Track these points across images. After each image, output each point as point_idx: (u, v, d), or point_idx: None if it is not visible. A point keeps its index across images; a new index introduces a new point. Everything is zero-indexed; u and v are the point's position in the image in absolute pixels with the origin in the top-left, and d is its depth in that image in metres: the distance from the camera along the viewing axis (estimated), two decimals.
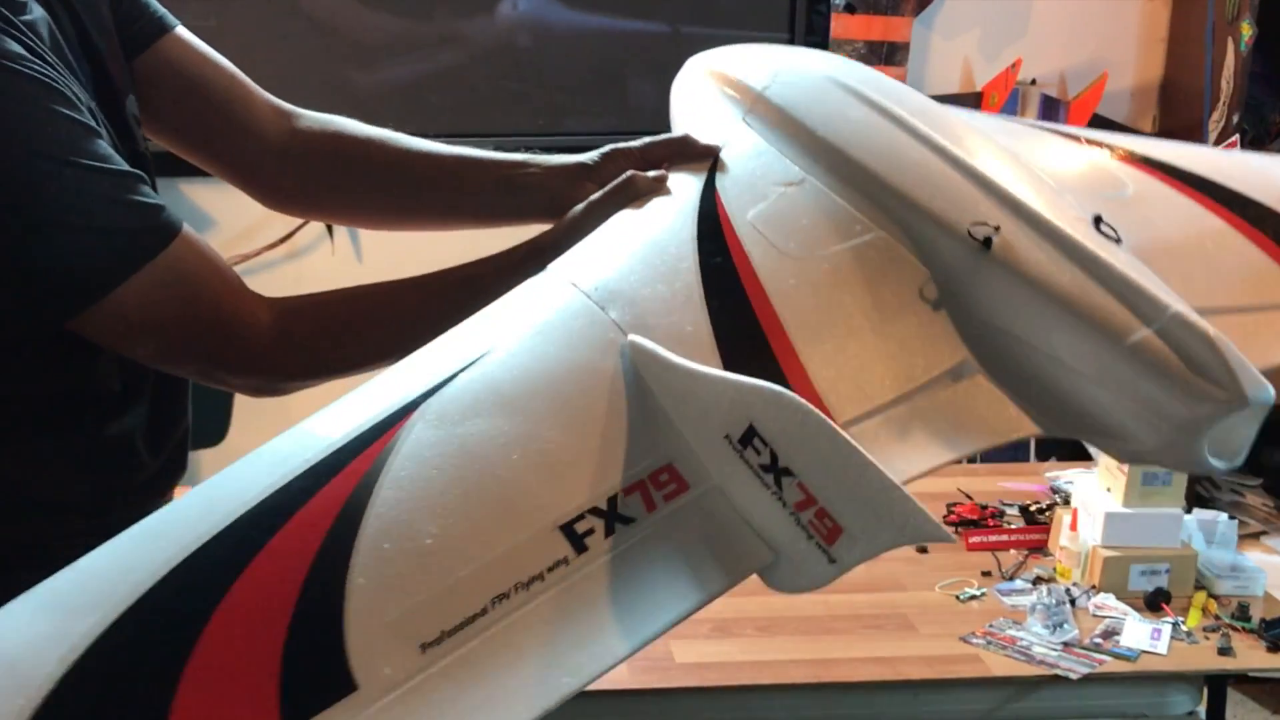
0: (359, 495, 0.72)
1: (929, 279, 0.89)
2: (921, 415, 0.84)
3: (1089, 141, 1.09)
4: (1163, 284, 0.85)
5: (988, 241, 0.86)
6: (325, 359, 1.09)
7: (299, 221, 2.99)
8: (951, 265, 0.88)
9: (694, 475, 0.77)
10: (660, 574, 0.74)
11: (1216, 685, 1.93)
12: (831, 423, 0.73)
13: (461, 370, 0.80)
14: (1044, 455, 3.34)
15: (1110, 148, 1.08)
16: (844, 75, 1.03)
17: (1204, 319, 0.81)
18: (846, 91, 1.00)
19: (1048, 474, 2.31)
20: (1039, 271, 0.84)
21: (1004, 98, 3.15)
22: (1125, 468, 1.93)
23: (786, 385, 0.78)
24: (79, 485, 1.13)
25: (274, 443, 0.78)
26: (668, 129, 1.18)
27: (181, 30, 1.20)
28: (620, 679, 1.74)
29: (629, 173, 1.06)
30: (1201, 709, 1.85)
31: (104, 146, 1.02)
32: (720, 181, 0.99)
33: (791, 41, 3.08)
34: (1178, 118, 3.23)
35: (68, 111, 1.00)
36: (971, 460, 3.31)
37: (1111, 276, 0.83)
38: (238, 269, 1.13)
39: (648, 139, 1.13)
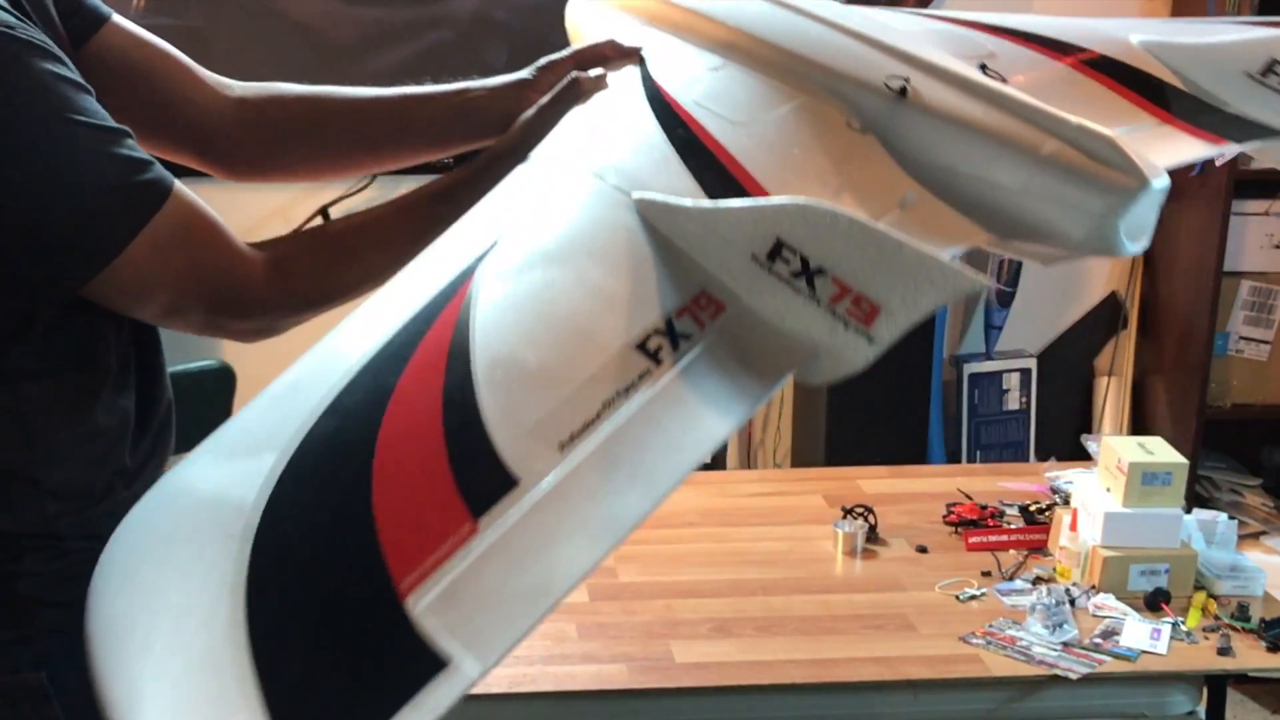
0: (459, 337, 0.84)
1: (854, 116, 1.02)
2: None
3: (954, 21, 1.26)
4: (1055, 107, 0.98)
5: (903, 90, 0.99)
6: (322, 290, 1.16)
7: (299, 221, 2.99)
8: (875, 117, 1.00)
9: (727, 296, 0.86)
10: (728, 373, 0.85)
11: (1216, 685, 1.94)
12: (859, 215, 0.84)
13: (497, 243, 0.91)
14: (1044, 455, 3.35)
15: (969, 24, 1.25)
16: None
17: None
18: None
19: (1047, 474, 2.31)
20: (954, 109, 0.97)
21: None
22: (1125, 468, 1.93)
23: None
24: (87, 469, 1.13)
25: (345, 324, 0.88)
26: None
27: (118, 18, 1.24)
28: (620, 679, 1.75)
29: (572, 74, 1.14)
30: (1201, 709, 1.85)
31: (97, 104, 1.04)
32: (654, 72, 1.11)
33: None
34: None
35: (64, 72, 1.02)
36: (971, 461, 3.32)
37: (1016, 104, 0.97)
38: None
39: (576, 46, 1.21)
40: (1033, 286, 3.35)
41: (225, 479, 0.79)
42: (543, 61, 1.23)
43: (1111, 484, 1.97)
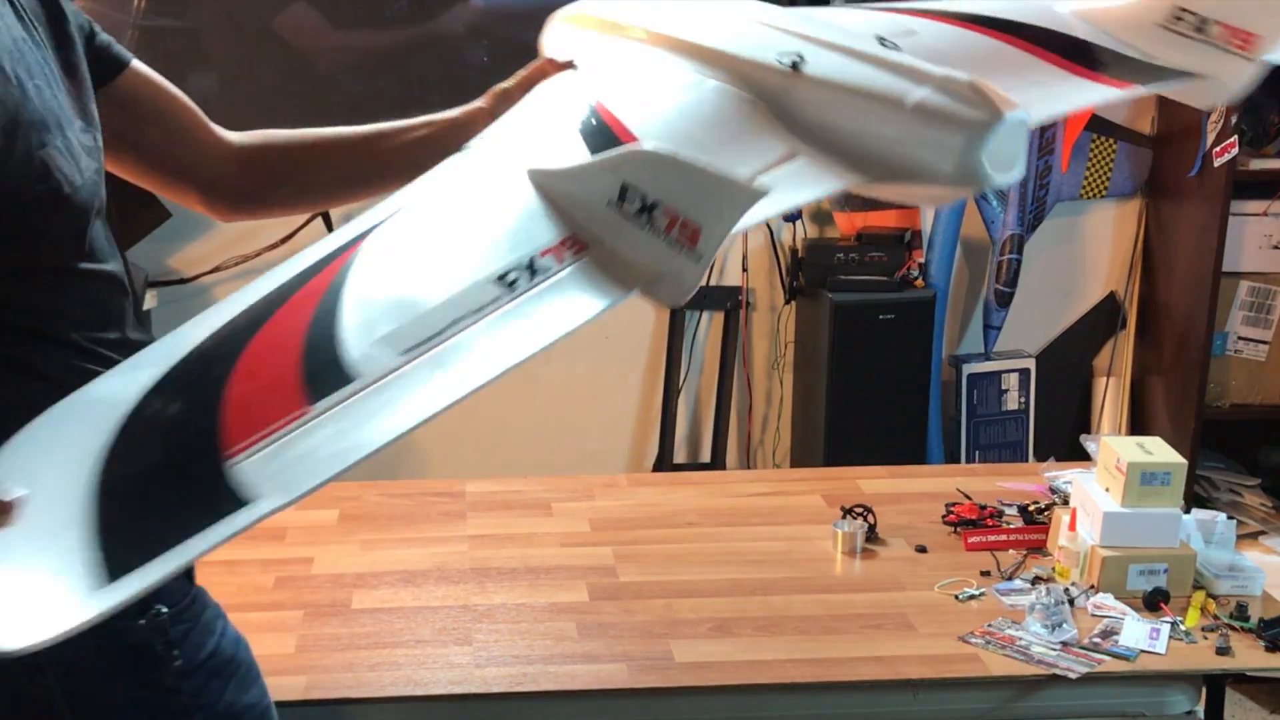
0: (340, 276, 1.01)
1: (753, 97, 1.18)
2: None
3: (894, 9, 1.39)
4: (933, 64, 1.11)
5: (794, 65, 1.15)
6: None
7: (299, 223, 3.00)
8: (773, 92, 1.16)
9: (591, 239, 1.03)
10: (574, 295, 1.01)
11: (1215, 685, 1.94)
12: (674, 151, 1.00)
13: (400, 210, 1.09)
14: (1042, 456, 3.35)
15: (899, 10, 1.38)
16: None
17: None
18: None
19: (1046, 474, 2.32)
20: (838, 75, 1.13)
21: None
22: (1124, 468, 1.94)
23: None
24: None
25: (263, 277, 1.04)
26: None
27: (138, 63, 1.37)
28: (620, 679, 1.75)
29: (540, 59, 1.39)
30: (1200, 709, 1.85)
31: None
32: (584, 73, 1.33)
33: None
34: (1176, 118, 3.24)
35: None
36: (970, 461, 3.32)
37: (887, 63, 1.12)
38: (238, 269, 1.19)
39: (519, 73, 1.41)
40: (1032, 287, 3.35)
41: (115, 384, 0.97)
42: (495, 89, 1.42)
43: (1110, 484, 1.98)
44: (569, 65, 1.37)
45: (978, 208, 3.29)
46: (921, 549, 2.11)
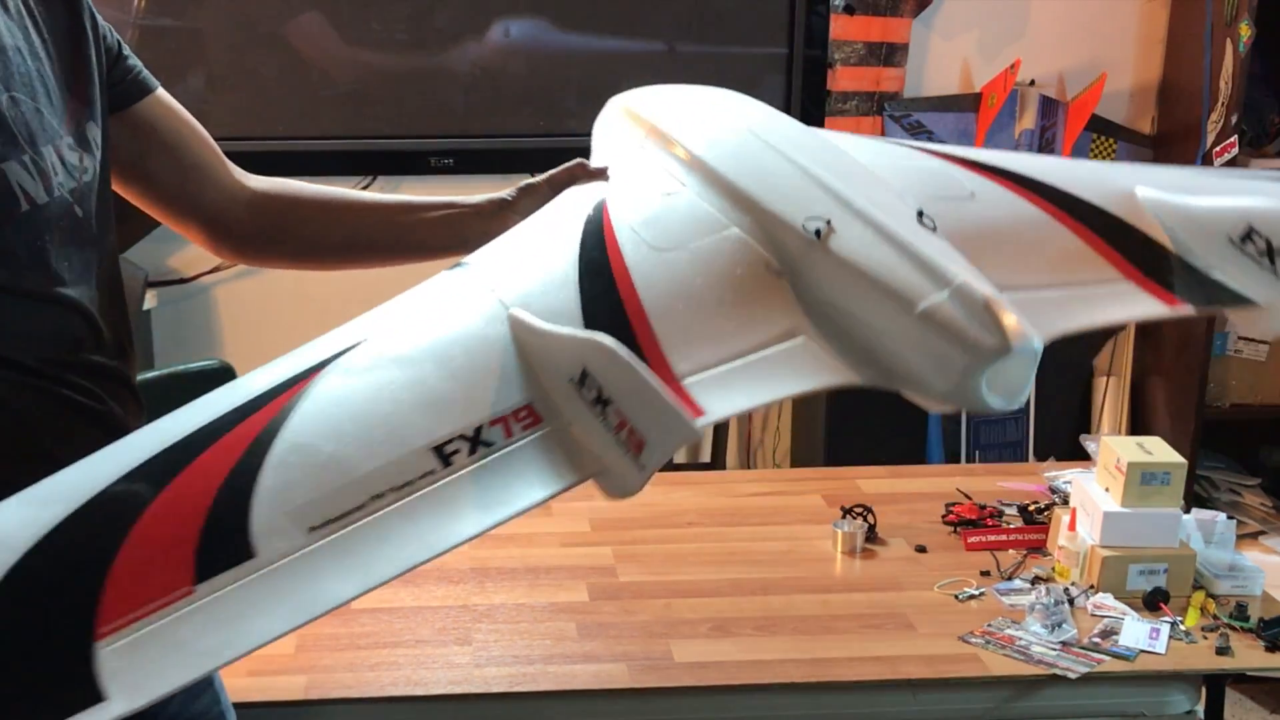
0: (274, 424, 0.94)
1: (772, 261, 1.10)
2: (747, 371, 1.04)
3: (948, 157, 1.29)
4: (963, 262, 1.03)
5: (818, 233, 1.06)
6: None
7: None
8: (792, 257, 1.08)
9: (548, 413, 0.98)
10: (512, 480, 0.95)
11: (1215, 685, 1.94)
12: (631, 358, 0.94)
13: (362, 342, 1.02)
14: (1042, 455, 3.35)
15: (962, 160, 1.28)
16: (733, 109, 1.31)
17: (991, 288, 0.98)
18: (730, 119, 1.28)
19: (1046, 474, 2.32)
20: (858, 256, 1.04)
21: (1003, 98, 3.16)
22: (1124, 468, 1.94)
23: (637, 348, 1.00)
24: (79, 431, 1.14)
25: (213, 394, 0.98)
26: None
27: (162, 92, 1.35)
28: (620, 679, 1.75)
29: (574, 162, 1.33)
30: (1200, 708, 1.85)
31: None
32: (611, 193, 1.23)
33: (791, 45, 3.08)
34: (1176, 119, 3.24)
35: None
36: (970, 461, 3.32)
37: (915, 252, 1.02)
38: (238, 269, 1.16)
39: (550, 171, 1.35)
40: None
41: (15, 521, 0.90)
42: (522, 184, 1.37)
43: (1110, 484, 1.98)
44: (601, 174, 1.31)
45: None
46: (921, 549, 2.11)
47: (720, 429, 3.33)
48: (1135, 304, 1.17)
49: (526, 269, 1.11)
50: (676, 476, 2.63)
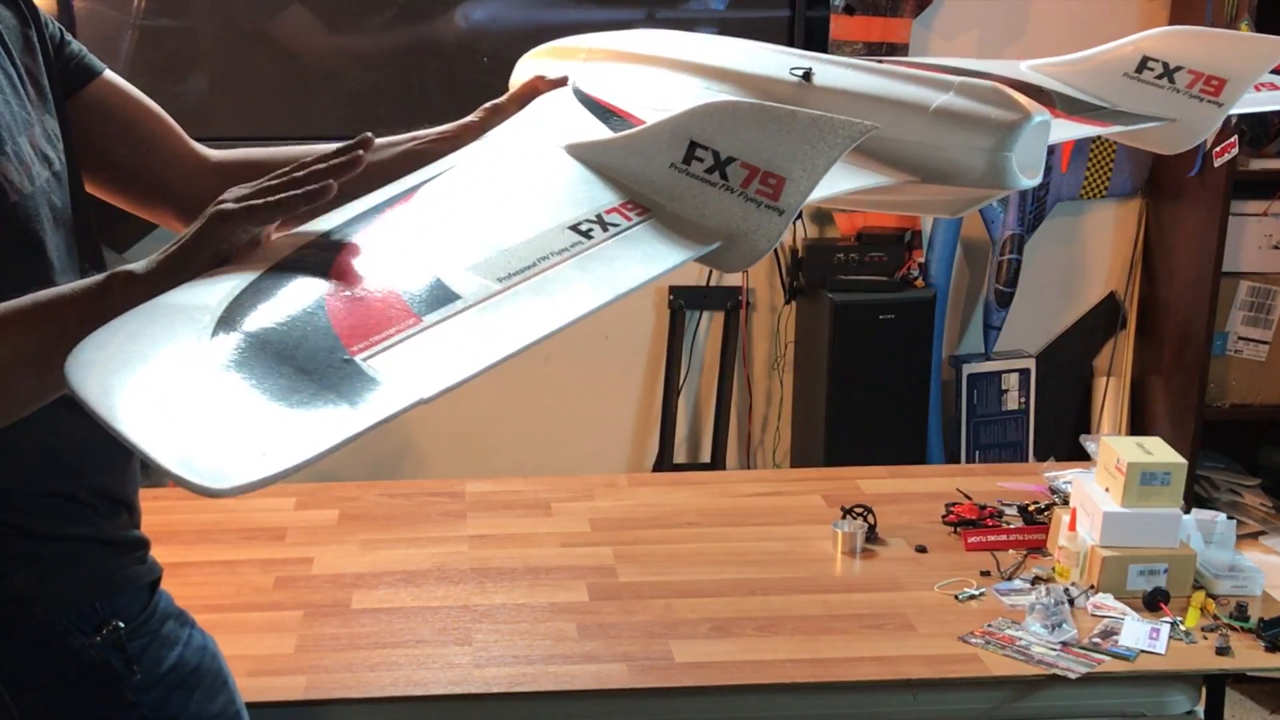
0: (400, 214, 1.00)
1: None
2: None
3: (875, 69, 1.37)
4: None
5: (806, 75, 1.18)
6: None
7: None
8: (788, 101, 1.12)
9: (652, 205, 1.02)
10: (649, 245, 0.98)
11: (1215, 685, 1.94)
12: (755, 100, 0.99)
13: (453, 167, 1.09)
14: (1042, 456, 3.36)
15: (886, 66, 1.37)
16: (651, 31, 1.42)
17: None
18: (660, 34, 1.39)
19: (1046, 474, 2.32)
20: (851, 84, 1.15)
21: None
22: (1124, 468, 1.94)
23: None
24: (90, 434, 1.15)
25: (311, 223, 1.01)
26: None
27: (110, 74, 1.32)
28: (620, 679, 1.75)
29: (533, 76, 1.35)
30: (1200, 709, 1.85)
31: None
32: (581, 85, 1.30)
33: (790, 45, 3.08)
34: None
35: None
36: (970, 461, 3.32)
37: (904, 74, 1.14)
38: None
39: (511, 91, 1.36)
40: (1032, 287, 3.35)
41: (192, 294, 0.89)
42: (485, 106, 1.35)
43: (1110, 484, 1.98)
44: (562, 82, 1.33)
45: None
46: (921, 549, 2.11)
47: (720, 429, 3.34)
48: (1071, 128, 1.31)
49: (547, 129, 1.17)
50: (676, 476, 2.64)
